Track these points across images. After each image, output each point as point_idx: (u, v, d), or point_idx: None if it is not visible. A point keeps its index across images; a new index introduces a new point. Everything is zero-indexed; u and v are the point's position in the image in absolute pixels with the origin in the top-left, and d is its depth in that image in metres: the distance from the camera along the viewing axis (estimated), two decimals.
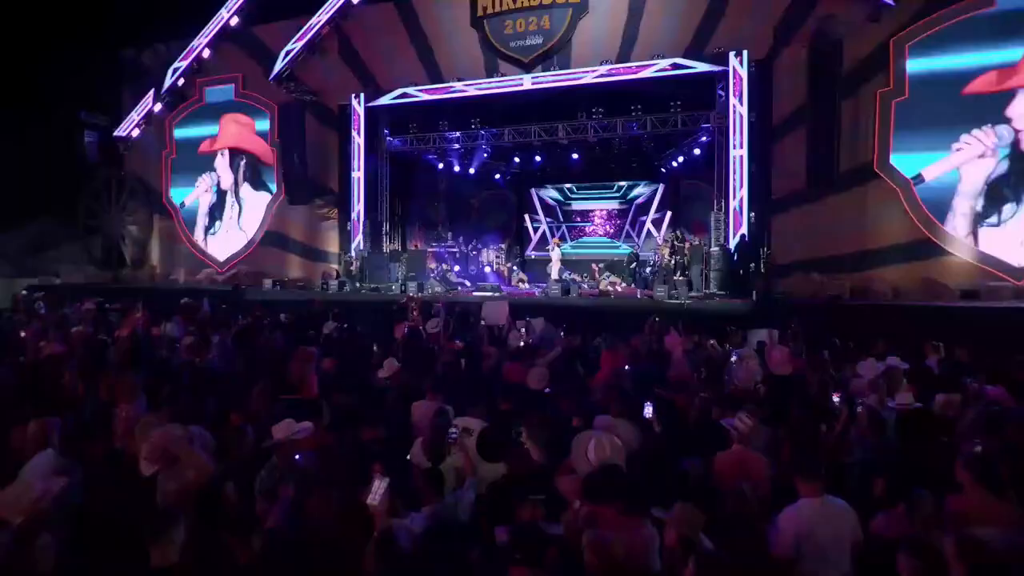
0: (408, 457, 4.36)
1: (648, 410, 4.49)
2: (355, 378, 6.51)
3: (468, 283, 15.87)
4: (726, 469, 3.87)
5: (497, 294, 13.30)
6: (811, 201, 12.41)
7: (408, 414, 5.09)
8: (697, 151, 15.65)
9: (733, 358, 6.87)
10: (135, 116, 18.37)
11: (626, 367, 6.72)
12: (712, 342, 8.18)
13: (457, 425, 4.09)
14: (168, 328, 8.47)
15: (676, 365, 6.45)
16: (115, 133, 18.68)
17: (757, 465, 3.89)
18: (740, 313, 10.95)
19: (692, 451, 4.12)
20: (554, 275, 15.42)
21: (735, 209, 12.92)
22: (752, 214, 12.92)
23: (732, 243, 12.82)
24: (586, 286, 14.65)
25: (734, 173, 12.87)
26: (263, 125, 17.87)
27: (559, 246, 16.20)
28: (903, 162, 11.98)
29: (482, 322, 9.11)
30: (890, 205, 11.89)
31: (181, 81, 17.95)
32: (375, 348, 7.95)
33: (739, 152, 12.88)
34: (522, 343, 8.57)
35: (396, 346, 7.84)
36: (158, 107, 18.37)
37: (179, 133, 18.99)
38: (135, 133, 18.80)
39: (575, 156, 17.25)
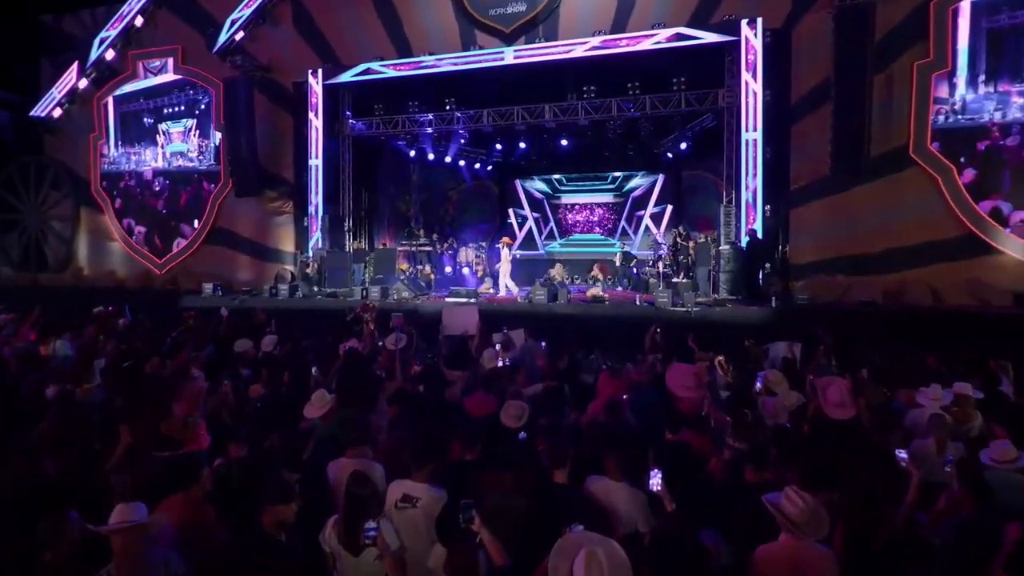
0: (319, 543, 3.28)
1: (655, 481, 3.41)
2: (281, 415, 5.41)
3: (429, 289, 14.76)
4: (774, 571, 2.82)
5: (472, 300, 12.22)
6: (836, 191, 11.69)
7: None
8: (703, 136, 14.99)
9: (758, 384, 5.85)
10: (56, 93, 17.18)
11: (624, 396, 5.72)
12: (720, 359, 7.16)
13: (378, 524, 3.00)
14: (57, 347, 7.28)
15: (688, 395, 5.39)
16: (32, 113, 17.45)
17: (820, 566, 2.83)
18: (756, 322, 10.16)
19: (717, 524, 3.15)
20: (503, 281, 14.52)
21: (747, 201, 12.25)
22: (767, 207, 12.25)
23: (744, 240, 12.13)
24: (572, 290, 13.51)
25: (746, 160, 12.23)
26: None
27: (509, 246, 15.24)
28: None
29: (443, 333, 8.03)
30: (928, 195, 11.07)
31: (110, 53, 16.79)
32: (314, 371, 6.84)
33: (752, 136, 12.22)
34: (499, 362, 7.53)
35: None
36: (83, 83, 17.16)
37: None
38: (56, 113, 17.60)
39: (564, 142, 16.35)
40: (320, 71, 15.33)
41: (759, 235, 11.99)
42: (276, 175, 16.23)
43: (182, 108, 17.46)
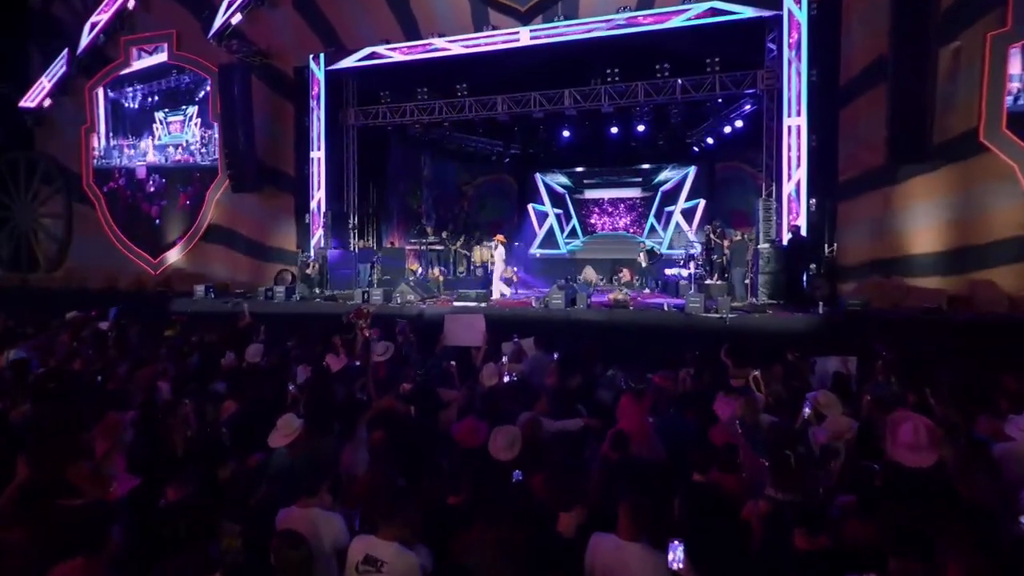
0: None
1: (675, 556, 2.73)
2: (243, 443, 4.84)
3: (438, 292, 14.19)
4: None
5: (481, 304, 11.61)
6: (892, 182, 10.92)
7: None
8: (740, 123, 14.62)
9: (806, 410, 5.08)
10: (46, 82, 17.04)
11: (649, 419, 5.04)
12: (755, 374, 6.42)
13: None
14: (11, 356, 6.83)
15: (723, 426, 4.70)
16: (21, 103, 17.30)
17: None
18: (801, 331, 9.43)
19: None
20: (496, 282, 14.06)
21: (790, 195, 11.76)
22: (812, 201, 11.73)
23: (786, 238, 11.61)
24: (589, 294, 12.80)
25: (789, 149, 11.74)
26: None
27: (503, 244, 14.67)
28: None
29: (443, 344, 7.40)
30: (1002, 186, 10.17)
31: (102, 39, 16.52)
32: (292, 388, 6.26)
33: (795, 121, 11.71)
34: (505, 378, 6.88)
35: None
36: (74, 71, 17.03)
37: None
38: (46, 103, 17.45)
39: (586, 132, 15.73)
40: (322, 56, 14.99)
41: (803, 232, 11.45)
42: (276, 169, 15.88)
43: (182, 93, 17.08)
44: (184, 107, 17.11)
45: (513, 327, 9.05)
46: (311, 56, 14.98)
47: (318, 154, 15.24)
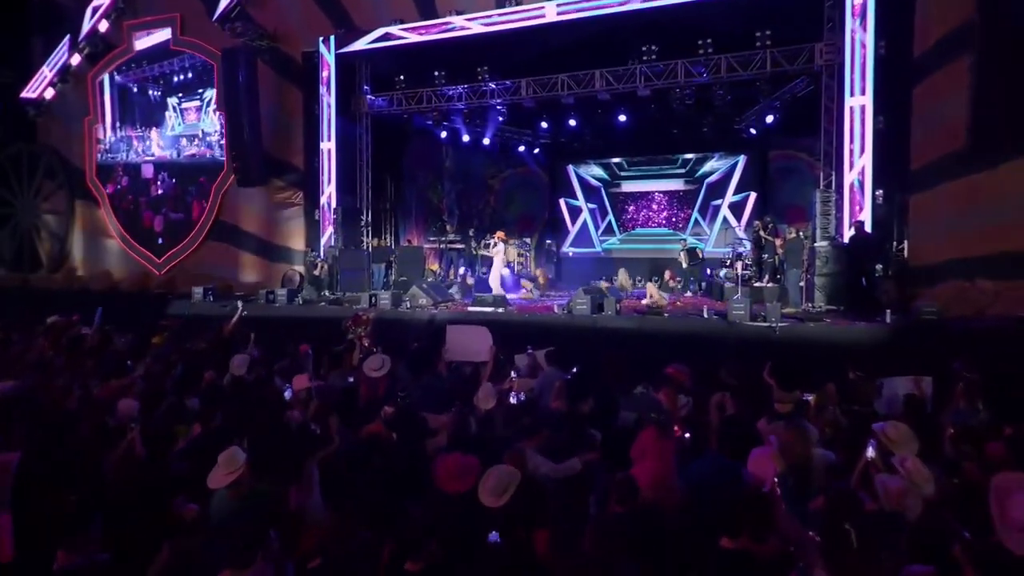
0: None
1: None
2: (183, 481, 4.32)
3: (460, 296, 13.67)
4: None
5: (500, 310, 10.99)
6: (976, 170, 9.96)
7: None
8: (796, 105, 13.90)
9: (870, 452, 4.23)
10: (47, 71, 17.14)
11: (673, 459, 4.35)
12: (811, 399, 5.66)
13: None
14: None
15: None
16: (22, 94, 17.40)
17: None
18: (864, 344, 8.66)
19: None
20: (495, 285, 13.54)
21: (852, 185, 11.16)
22: (879, 192, 11.17)
23: (847, 234, 11.01)
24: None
25: (851, 133, 11.16)
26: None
27: (504, 242, 14.11)
28: None
29: (444, 359, 6.79)
30: None
31: (104, 24, 16.48)
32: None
33: (859, 101, 11.09)
34: (512, 398, 6.27)
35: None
36: (76, 59, 17.06)
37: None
38: (48, 94, 17.51)
39: (623, 118, 15.09)
40: (332, 39, 14.72)
41: (867, 228, 10.87)
42: (284, 161, 15.66)
43: (198, 74, 16.72)
44: (201, 91, 16.78)
45: (531, 337, 8.46)
46: (320, 39, 14.71)
47: (328, 145, 14.91)
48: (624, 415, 5.64)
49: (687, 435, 4.91)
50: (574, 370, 7.60)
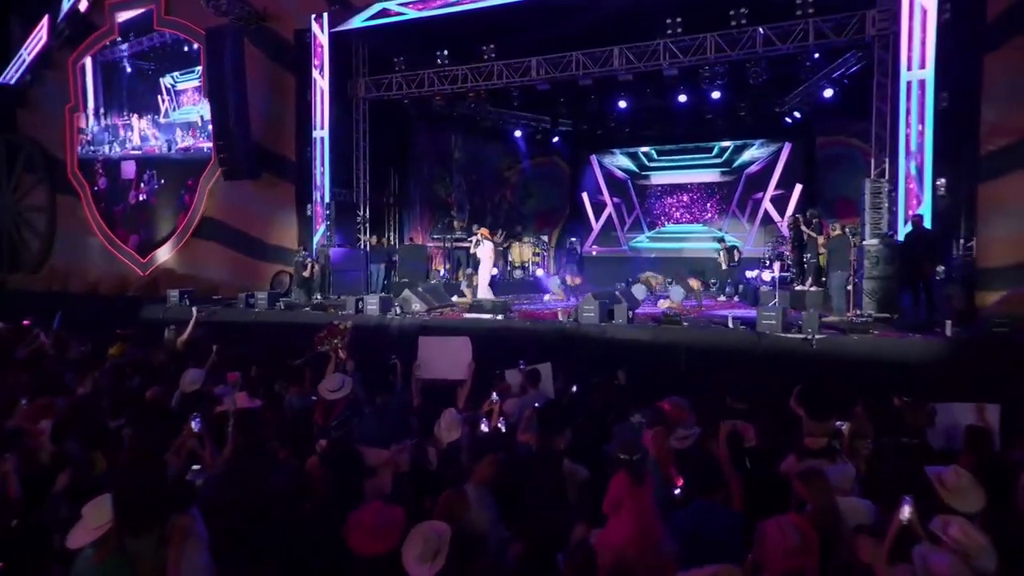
0: None
1: None
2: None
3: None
4: None
5: (499, 316, 10.41)
6: None
7: None
8: (847, 84, 13.35)
9: (905, 511, 3.38)
10: (26, 56, 17.22)
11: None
12: (845, 427, 4.89)
13: None
14: None
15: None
16: None
17: None
18: (918, 362, 7.90)
19: None
20: (482, 287, 13.10)
21: (909, 174, 10.64)
22: (940, 181, 10.63)
23: (903, 231, 10.48)
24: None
25: (909, 112, 10.64)
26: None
27: (488, 239, 13.62)
28: None
29: (416, 375, 6.21)
30: None
31: (84, 3, 16.55)
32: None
33: (918, 75, 10.55)
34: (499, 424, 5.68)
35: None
36: (56, 42, 17.13)
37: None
38: (27, 80, 17.66)
39: (650, 102, 14.59)
40: (325, 16, 14.40)
41: (927, 224, 10.34)
42: (275, 152, 15.45)
43: (194, 49, 16.29)
44: (198, 67, 16.38)
45: (527, 350, 7.82)
46: (313, 17, 14.42)
47: (321, 133, 14.58)
48: (611, 448, 4.99)
49: (679, 481, 4.23)
50: (574, 388, 7.01)
